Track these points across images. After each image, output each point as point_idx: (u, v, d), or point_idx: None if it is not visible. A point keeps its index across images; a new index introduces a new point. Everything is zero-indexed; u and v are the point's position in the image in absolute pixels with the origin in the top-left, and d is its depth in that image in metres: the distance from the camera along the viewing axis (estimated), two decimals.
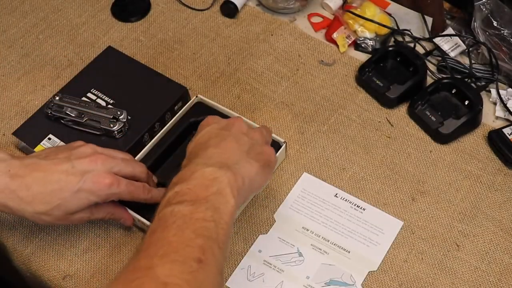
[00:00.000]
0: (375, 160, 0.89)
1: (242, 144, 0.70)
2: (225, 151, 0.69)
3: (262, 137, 0.73)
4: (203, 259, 0.60)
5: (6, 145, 0.91)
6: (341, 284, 0.77)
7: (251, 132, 0.73)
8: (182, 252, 0.60)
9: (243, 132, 0.72)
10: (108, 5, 1.09)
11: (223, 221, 0.63)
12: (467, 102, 0.90)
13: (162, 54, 1.02)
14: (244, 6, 1.07)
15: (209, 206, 0.63)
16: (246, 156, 0.69)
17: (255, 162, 0.69)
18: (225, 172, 0.65)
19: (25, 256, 0.82)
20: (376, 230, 0.82)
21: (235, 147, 0.69)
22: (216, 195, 0.64)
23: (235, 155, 0.68)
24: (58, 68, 1.01)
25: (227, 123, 0.73)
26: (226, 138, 0.70)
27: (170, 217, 0.62)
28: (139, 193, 0.75)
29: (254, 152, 0.70)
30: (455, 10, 1.04)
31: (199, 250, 0.60)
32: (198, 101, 0.90)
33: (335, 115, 0.94)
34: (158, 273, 0.58)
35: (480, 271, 0.79)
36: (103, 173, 0.71)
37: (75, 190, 0.70)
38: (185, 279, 0.58)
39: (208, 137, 0.71)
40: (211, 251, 0.61)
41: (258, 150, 0.71)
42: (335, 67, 0.99)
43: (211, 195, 0.64)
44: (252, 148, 0.70)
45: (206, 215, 0.62)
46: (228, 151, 0.69)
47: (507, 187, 0.85)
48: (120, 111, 0.87)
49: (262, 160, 0.70)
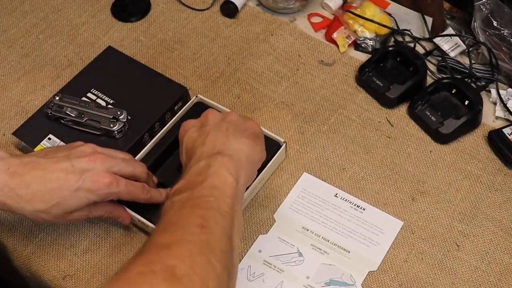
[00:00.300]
0: (375, 160, 0.89)
1: (224, 129, 0.71)
2: (211, 142, 0.70)
3: (238, 116, 0.74)
4: (205, 224, 0.61)
5: (6, 145, 0.91)
6: (341, 284, 0.77)
7: (227, 116, 0.74)
8: (183, 223, 0.61)
9: (219, 120, 0.73)
10: (108, 5, 1.09)
11: (224, 195, 0.64)
12: (467, 102, 0.90)
13: (162, 54, 1.02)
14: (244, 6, 1.07)
15: (205, 186, 0.64)
16: (231, 136, 0.70)
17: (244, 139, 0.70)
18: (216, 157, 0.67)
19: (25, 256, 0.82)
20: (376, 230, 0.82)
21: (219, 135, 0.70)
22: (211, 177, 0.65)
23: (221, 140, 0.69)
24: (58, 68, 1.01)
25: (201, 121, 0.74)
26: (207, 132, 0.71)
27: (169, 205, 0.64)
28: (138, 193, 0.75)
29: (239, 131, 0.71)
30: (455, 10, 1.04)
31: (199, 218, 0.61)
32: (198, 101, 0.91)
33: (335, 115, 0.94)
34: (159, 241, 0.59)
35: (480, 271, 0.79)
36: (102, 172, 0.71)
37: (74, 189, 0.70)
38: (187, 240, 0.59)
39: (192, 142, 0.72)
40: (214, 219, 0.62)
41: (242, 127, 0.72)
42: (335, 67, 0.99)
43: (207, 179, 0.65)
44: (235, 129, 0.71)
45: (203, 193, 0.64)
46: (213, 141, 0.70)
47: (507, 187, 0.85)
48: (120, 111, 0.87)
49: (250, 135, 0.71)
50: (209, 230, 0.60)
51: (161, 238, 0.60)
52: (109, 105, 0.90)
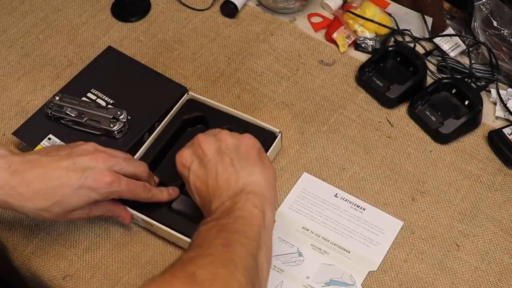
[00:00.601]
0: (375, 160, 0.89)
1: (229, 162, 0.69)
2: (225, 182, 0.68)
3: (231, 137, 0.72)
4: (229, 244, 0.61)
5: (6, 145, 0.91)
6: (341, 284, 0.77)
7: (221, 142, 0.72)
8: (208, 243, 0.62)
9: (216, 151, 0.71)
10: (108, 5, 1.09)
11: (250, 223, 0.64)
12: (467, 102, 0.90)
13: (162, 54, 1.02)
14: (244, 6, 1.07)
15: (231, 216, 0.64)
16: (241, 169, 0.69)
17: (253, 167, 0.69)
18: (240, 196, 0.66)
19: (25, 256, 0.82)
20: (376, 230, 0.82)
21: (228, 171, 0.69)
22: (238, 210, 0.65)
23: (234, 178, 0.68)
24: (58, 68, 1.01)
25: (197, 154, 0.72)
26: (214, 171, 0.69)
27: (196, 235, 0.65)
28: (139, 192, 0.75)
29: (244, 159, 0.70)
30: (455, 10, 1.04)
31: (223, 239, 0.62)
32: (190, 98, 0.90)
33: (335, 115, 0.94)
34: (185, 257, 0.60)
35: (480, 271, 0.79)
36: (104, 170, 0.71)
37: (76, 187, 0.70)
38: (211, 253, 0.60)
39: (201, 183, 0.70)
40: (238, 241, 0.62)
41: (242, 151, 0.71)
42: (335, 67, 0.99)
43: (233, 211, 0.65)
44: (238, 157, 0.70)
45: (229, 221, 0.64)
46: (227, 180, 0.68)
47: (507, 187, 0.85)
48: (120, 111, 0.87)
49: (254, 159, 0.70)
50: (233, 249, 0.61)
51: (186, 255, 0.61)
52: (109, 105, 0.90)
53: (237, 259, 0.60)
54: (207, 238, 0.63)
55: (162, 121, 0.89)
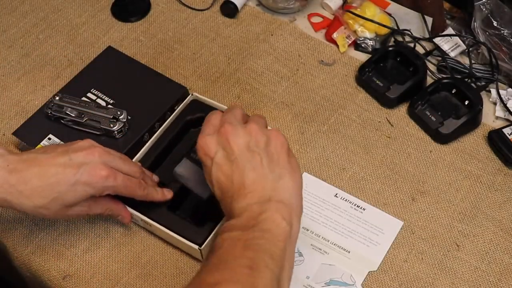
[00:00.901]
0: (375, 160, 0.89)
1: (258, 163, 0.66)
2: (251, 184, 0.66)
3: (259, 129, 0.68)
4: (254, 267, 0.60)
5: (6, 145, 0.91)
6: (341, 284, 0.77)
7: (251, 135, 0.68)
8: (232, 263, 0.60)
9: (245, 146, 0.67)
10: (108, 5, 1.09)
11: (276, 239, 0.63)
12: (467, 102, 0.90)
13: (162, 54, 1.02)
14: (244, 6, 1.07)
15: (258, 229, 0.63)
16: (270, 171, 0.66)
17: (283, 171, 0.67)
18: (269, 204, 0.65)
19: (25, 256, 0.82)
20: (376, 230, 0.82)
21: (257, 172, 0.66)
22: (265, 221, 0.63)
23: (263, 183, 0.66)
24: (58, 68, 1.01)
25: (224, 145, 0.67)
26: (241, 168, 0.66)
27: (220, 242, 0.63)
28: (135, 189, 0.75)
29: (274, 161, 0.67)
30: (455, 10, 1.04)
31: (249, 260, 0.60)
32: (193, 98, 0.90)
33: (335, 115, 0.94)
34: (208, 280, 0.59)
35: (480, 271, 0.79)
36: (99, 164, 0.71)
37: (72, 183, 0.70)
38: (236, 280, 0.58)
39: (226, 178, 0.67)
40: (264, 262, 0.60)
41: (272, 151, 0.67)
42: (335, 67, 0.99)
43: (259, 223, 0.63)
44: (269, 159, 0.67)
45: (255, 235, 0.62)
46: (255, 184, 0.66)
47: (507, 187, 0.85)
48: (120, 111, 0.87)
49: (283, 160, 0.67)
50: (257, 273, 0.60)
51: (210, 277, 0.60)
52: (109, 105, 0.90)
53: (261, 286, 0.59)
54: (232, 254, 0.61)
55: (162, 121, 0.89)
